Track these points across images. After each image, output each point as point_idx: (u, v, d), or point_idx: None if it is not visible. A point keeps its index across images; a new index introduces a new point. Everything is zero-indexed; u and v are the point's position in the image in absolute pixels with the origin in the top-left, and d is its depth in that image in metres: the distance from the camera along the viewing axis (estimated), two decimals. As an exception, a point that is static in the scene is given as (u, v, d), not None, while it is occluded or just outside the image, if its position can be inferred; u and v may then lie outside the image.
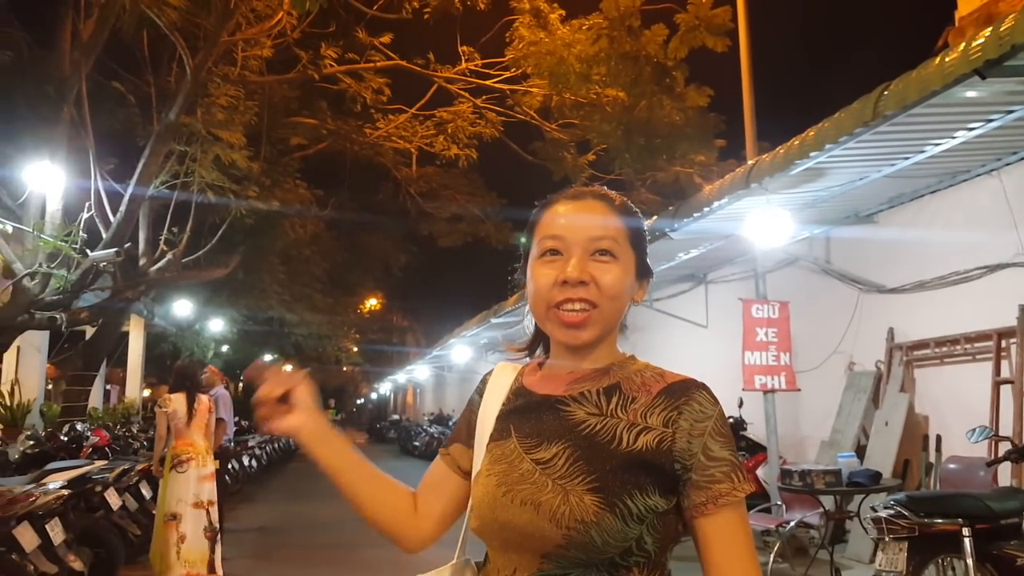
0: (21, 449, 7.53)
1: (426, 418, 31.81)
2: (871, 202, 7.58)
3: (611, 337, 1.30)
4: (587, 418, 1.21)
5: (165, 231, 10.52)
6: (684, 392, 1.20)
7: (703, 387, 1.22)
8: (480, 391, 1.41)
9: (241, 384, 32.30)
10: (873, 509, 4.59)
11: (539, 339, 1.43)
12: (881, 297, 7.77)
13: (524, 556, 1.17)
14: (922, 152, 5.97)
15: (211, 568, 6.60)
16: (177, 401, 6.75)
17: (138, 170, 9.24)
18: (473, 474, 1.30)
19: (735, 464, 1.17)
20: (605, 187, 1.36)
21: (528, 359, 1.44)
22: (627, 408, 1.21)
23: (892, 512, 4.37)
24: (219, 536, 6.84)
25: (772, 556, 6.47)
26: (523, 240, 1.37)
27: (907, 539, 4.30)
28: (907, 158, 6.09)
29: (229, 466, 11.61)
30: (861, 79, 5.47)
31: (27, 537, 5.13)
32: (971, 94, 4.75)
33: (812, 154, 5.58)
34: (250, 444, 15.59)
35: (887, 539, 4.36)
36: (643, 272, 1.32)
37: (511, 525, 1.17)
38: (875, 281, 7.82)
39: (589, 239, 1.24)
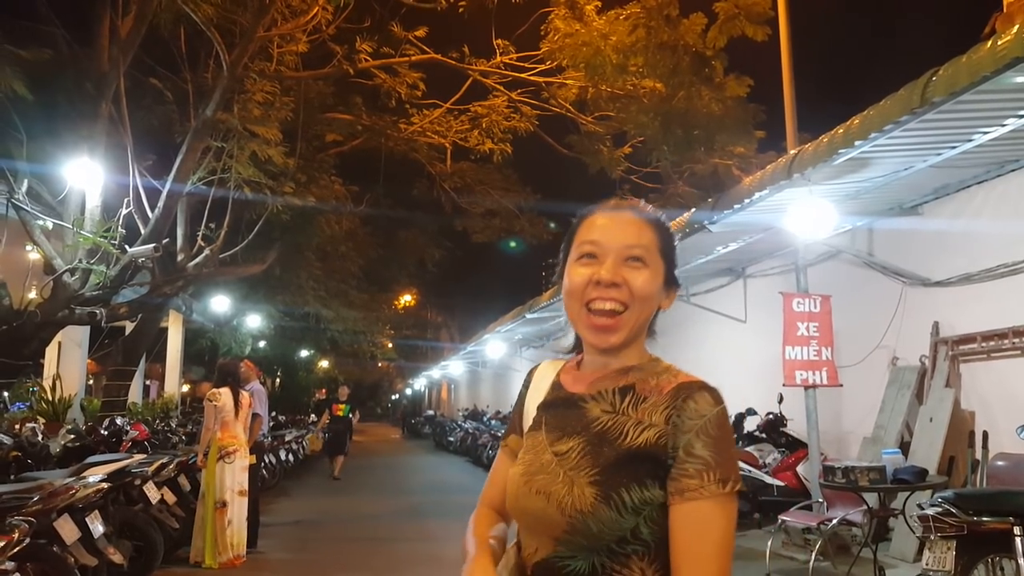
0: (62, 443, 7.66)
1: (460, 414, 31.89)
2: (916, 193, 7.39)
3: (638, 340, 1.39)
4: (600, 415, 1.31)
5: (203, 227, 10.61)
6: (687, 391, 1.27)
7: (708, 389, 1.28)
8: (527, 384, 1.53)
9: (279, 380, 32.69)
10: (920, 507, 4.46)
11: (580, 340, 1.48)
12: (926, 290, 7.58)
13: (542, 539, 1.29)
14: (970, 141, 5.80)
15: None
16: (225, 396, 7.38)
17: (175, 166, 9.32)
18: None
19: (711, 465, 1.20)
20: (643, 200, 1.46)
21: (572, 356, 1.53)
22: (638, 407, 1.29)
23: (940, 510, 4.24)
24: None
25: (814, 554, 6.34)
26: (562, 245, 1.45)
27: (955, 538, 4.18)
28: (954, 147, 5.92)
29: (265, 460, 11.72)
30: (903, 69, 5.33)
31: (67, 529, 5.19)
32: (1022, 79, 4.59)
33: (856, 143, 5.45)
34: (286, 439, 15.70)
35: (934, 537, 4.24)
36: (671, 282, 1.40)
37: (529, 511, 1.30)
38: (919, 274, 7.63)
39: (624, 246, 1.34)
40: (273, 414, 16.84)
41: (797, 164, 6.15)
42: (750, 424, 9.40)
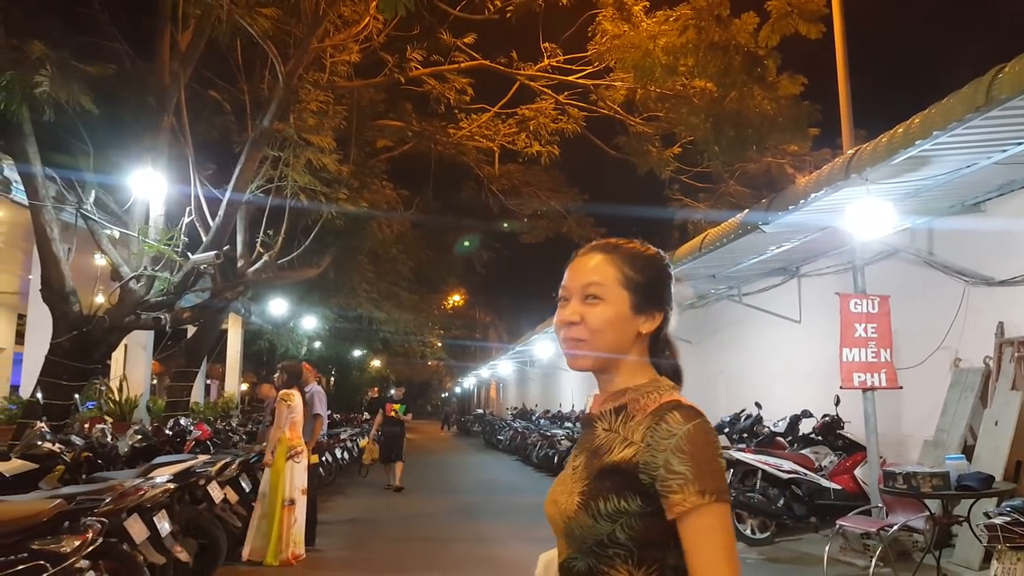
0: (130, 443, 7.92)
1: (509, 412, 31.99)
2: (979, 190, 7.20)
3: (623, 363, 1.51)
4: (600, 433, 1.48)
5: (261, 234, 10.85)
6: (661, 412, 1.39)
7: (680, 408, 1.38)
8: None
9: (333, 379, 33.17)
10: (987, 515, 4.37)
11: None
12: (989, 290, 7.38)
13: (560, 541, 1.48)
14: (1036, 137, 5.64)
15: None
16: (296, 397, 7.52)
17: (235, 176, 9.56)
18: None
19: (689, 479, 1.31)
20: (619, 239, 1.58)
21: None
22: (625, 425, 1.44)
23: (1009, 519, 4.15)
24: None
25: (874, 560, 6.22)
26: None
27: (1026, 548, 4.07)
28: (1021, 143, 5.76)
29: (323, 458, 11.91)
30: (961, 61, 5.22)
31: (136, 529, 5.36)
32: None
33: (917, 142, 5.33)
34: (342, 437, 15.95)
35: (1003, 548, 4.15)
36: (643, 308, 1.50)
37: (548, 516, 1.51)
38: (983, 273, 7.43)
39: (581, 287, 1.51)
40: (329, 412, 17.11)
41: (855, 164, 6.05)
42: (806, 426, 9.27)
